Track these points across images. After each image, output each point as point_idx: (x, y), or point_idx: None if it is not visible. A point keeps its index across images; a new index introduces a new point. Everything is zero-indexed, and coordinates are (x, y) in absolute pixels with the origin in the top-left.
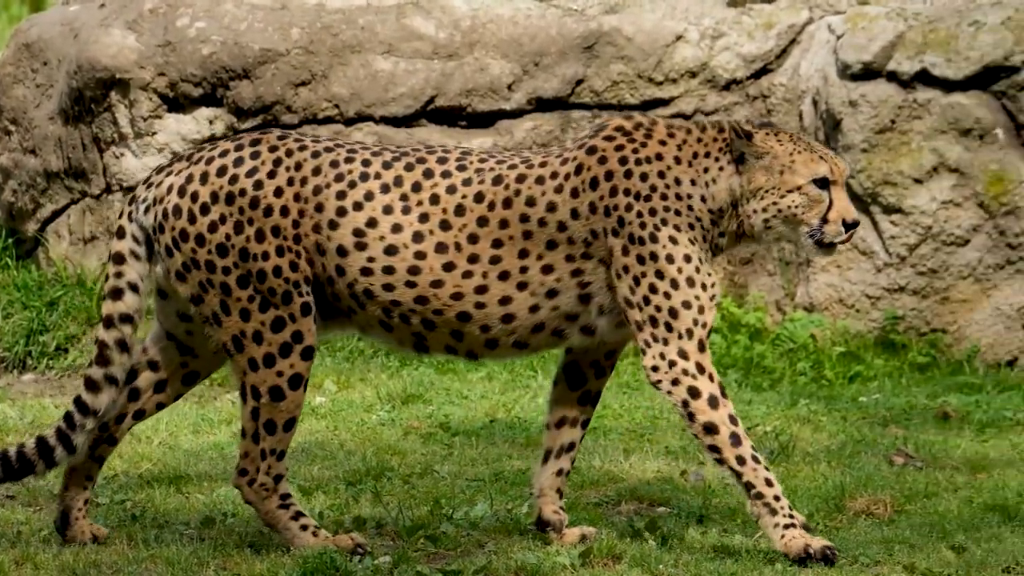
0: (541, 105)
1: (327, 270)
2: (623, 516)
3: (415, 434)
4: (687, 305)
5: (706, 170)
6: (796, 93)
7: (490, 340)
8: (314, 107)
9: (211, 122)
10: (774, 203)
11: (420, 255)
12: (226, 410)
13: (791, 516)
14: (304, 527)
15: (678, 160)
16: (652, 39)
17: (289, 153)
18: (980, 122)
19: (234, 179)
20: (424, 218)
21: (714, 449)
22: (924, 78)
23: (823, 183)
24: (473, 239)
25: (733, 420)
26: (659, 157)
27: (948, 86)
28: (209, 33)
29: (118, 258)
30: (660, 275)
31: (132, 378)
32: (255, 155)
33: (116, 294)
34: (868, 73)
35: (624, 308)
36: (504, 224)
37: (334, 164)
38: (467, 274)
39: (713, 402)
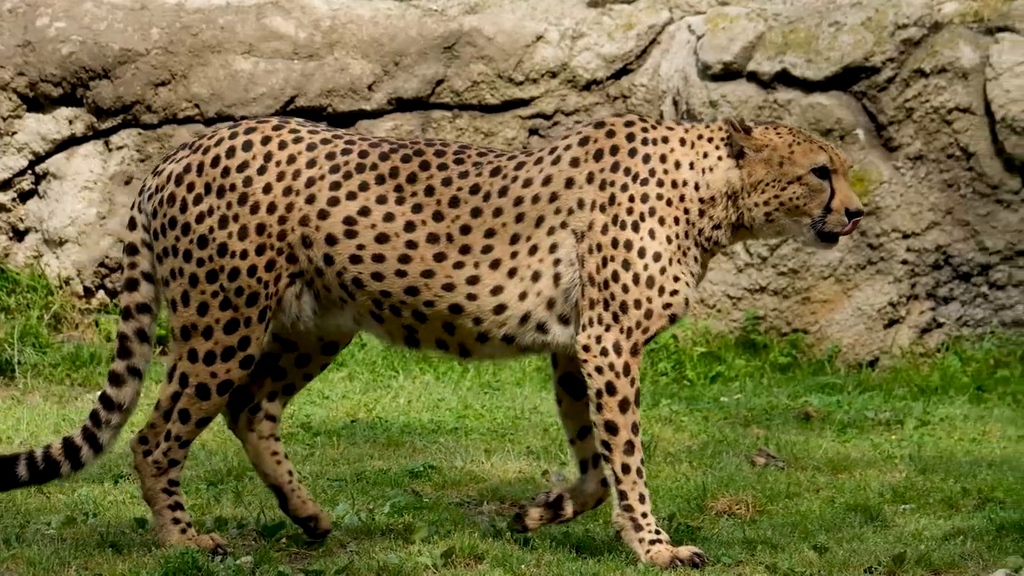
0: (401, 105)
1: (314, 261)
2: (485, 516)
3: None
4: (638, 305)
5: (705, 155)
6: (657, 93)
7: (482, 334)
8: (174, 107)
9: (71, 122)
10: (775, 196)
11: (411, 244)
12: (87, 410)
13: (657, 532)
14: (176, 520)
15: (683, 142)
16: (512, 39)
17: (282, 145)
18: (841, 122)
19: (226, 172)
20: (417, 208)
21: (606, 447)
22: (785, 78)
23: (823, 172)
24: (466, 230)
25: (635, 429)
26: (665, 140)
27: (808, 86)
28: (69, 33)
29: (131, 249)
30: (627, 266)
31: (274, 361)
32: (247, 146)
33: (131, 285)
34: (728, 73)
35: (585, 282)
36: (497, 212)
37: (330, 156)
38: (459, 264)
39: (624, 405)
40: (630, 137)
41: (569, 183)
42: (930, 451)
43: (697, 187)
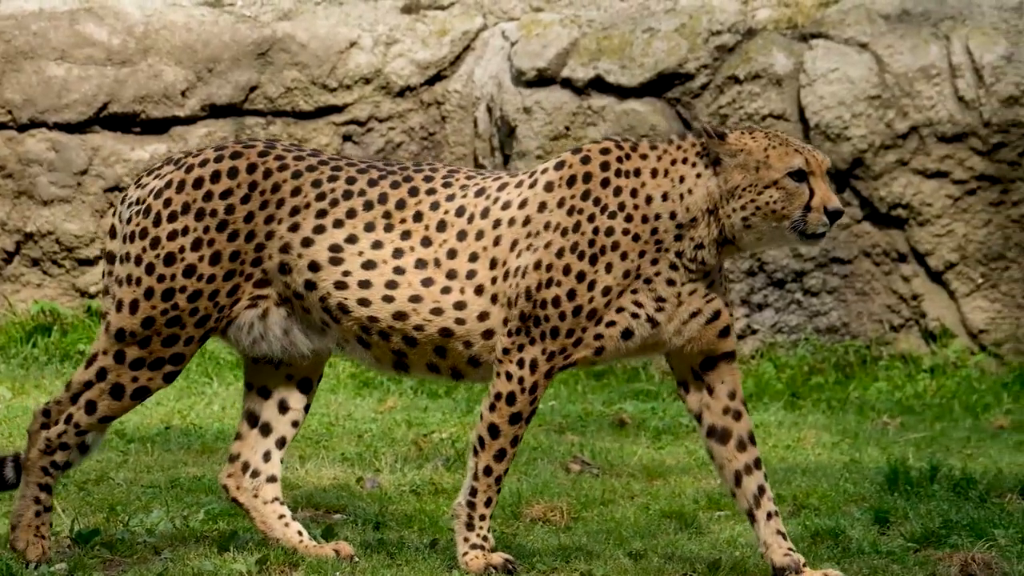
0: (215, 111)
1: (292, 287)
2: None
3: None
4: (570, 334)
5: (682, 179)
6: (471, 100)
7: (473, 357)
8: None
9: None
10: (752, 200)
11: (399, 270)
12: None
13: (485, 539)
14: (37, 500)
15: (655, 173)
16: (326, 46)
17: (267, 174)
18: (655, 129)
19: (208, 196)
20: (406, 235)
21: (480, 444)
22: (599, 85)
23: (800, 175)
24: (452, 254)
25: (514, 441)
26: (637, 173)
27: (623, 93)
28: None
29: (109, 257)
30: (571, 295)
31: (256, 418)
32: (233, 173)
33: (109, 293)
34: (542, 80)
35: (520, 292)
36: (480, 235)
37: (316, 183)
38: (446, 290)
39: (515, 418)
40: (604, 166)
41: (542, 207)
42: None
43: (673, 215)
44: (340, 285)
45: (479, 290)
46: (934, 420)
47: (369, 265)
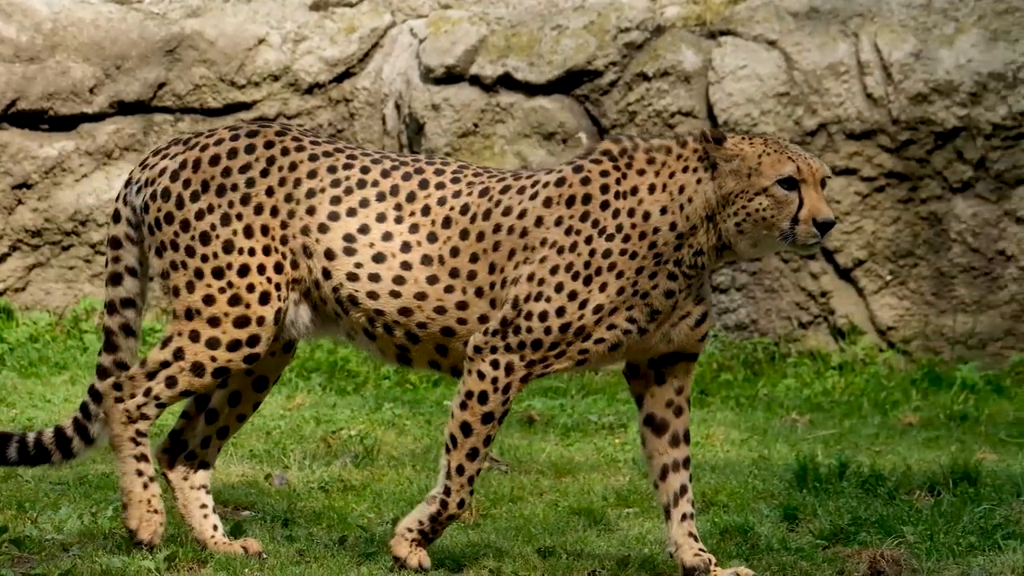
0: (123, 108)
1: (313, 272)
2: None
3: None
4: (553, 347)
5: (682, 189)
6: (379, 97)
7: None
8: None
9: None
10: (743, 207)
11: (406, 265)
12: None
13: (429, 537)
14: (140, 472)
15: (652, 189)
16: (234, 43)
17: (285, 152)
18: (563, 126)
19: (227, 172)
20: (414, 229)
21: (453, 442)
22: (507, 82)
23: (790, 183)
24: (455, 252)
25: (486, 440)
26: (635, 191)
27: (531, 90)
28: None
29: (114, 242)
30: (560, 312)
31: (206, 401)
32: (250, 149)
33: (115, 279)
34: (451, 77)
35: (507, 298)
36: (480, 236)
37: (331, 169)
38: (449, 288)
39: (488, 418)
40: (604, 189)
41: (539, 222)
42: None
43: (673, 226)
44: (352, 276)
45: (479, 292)
46: (843, 417)
47: (379, 258)
